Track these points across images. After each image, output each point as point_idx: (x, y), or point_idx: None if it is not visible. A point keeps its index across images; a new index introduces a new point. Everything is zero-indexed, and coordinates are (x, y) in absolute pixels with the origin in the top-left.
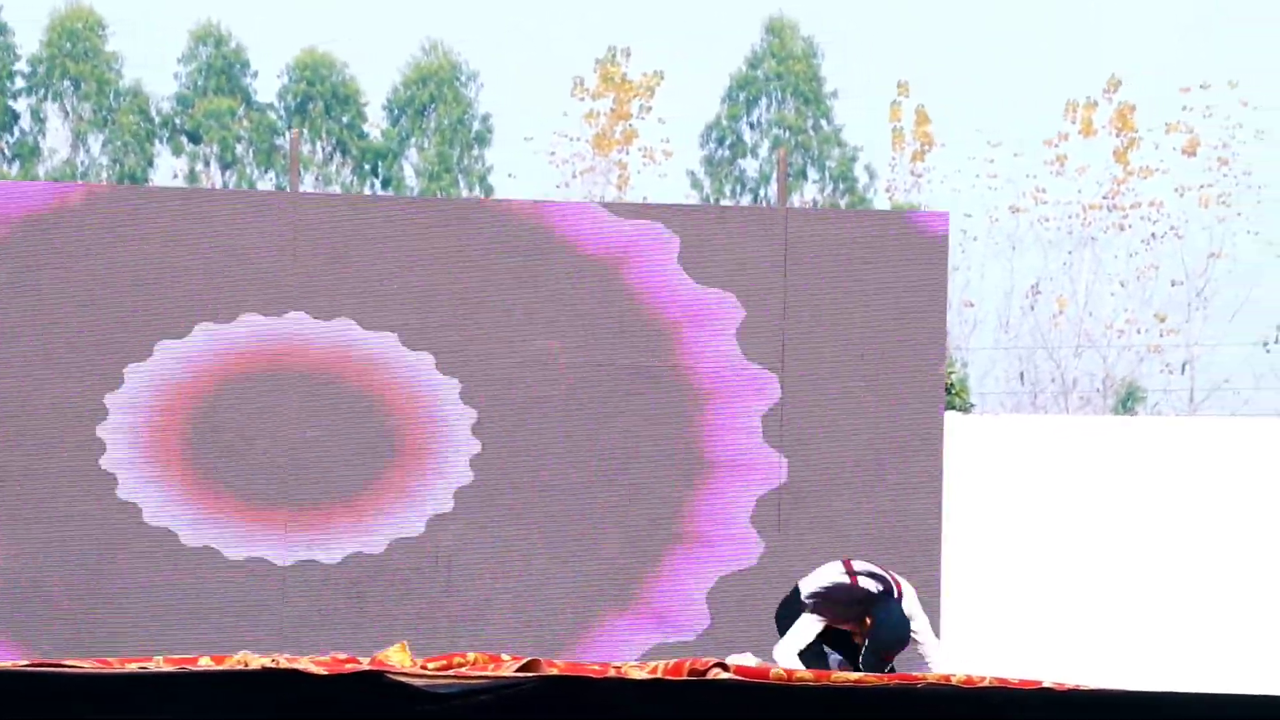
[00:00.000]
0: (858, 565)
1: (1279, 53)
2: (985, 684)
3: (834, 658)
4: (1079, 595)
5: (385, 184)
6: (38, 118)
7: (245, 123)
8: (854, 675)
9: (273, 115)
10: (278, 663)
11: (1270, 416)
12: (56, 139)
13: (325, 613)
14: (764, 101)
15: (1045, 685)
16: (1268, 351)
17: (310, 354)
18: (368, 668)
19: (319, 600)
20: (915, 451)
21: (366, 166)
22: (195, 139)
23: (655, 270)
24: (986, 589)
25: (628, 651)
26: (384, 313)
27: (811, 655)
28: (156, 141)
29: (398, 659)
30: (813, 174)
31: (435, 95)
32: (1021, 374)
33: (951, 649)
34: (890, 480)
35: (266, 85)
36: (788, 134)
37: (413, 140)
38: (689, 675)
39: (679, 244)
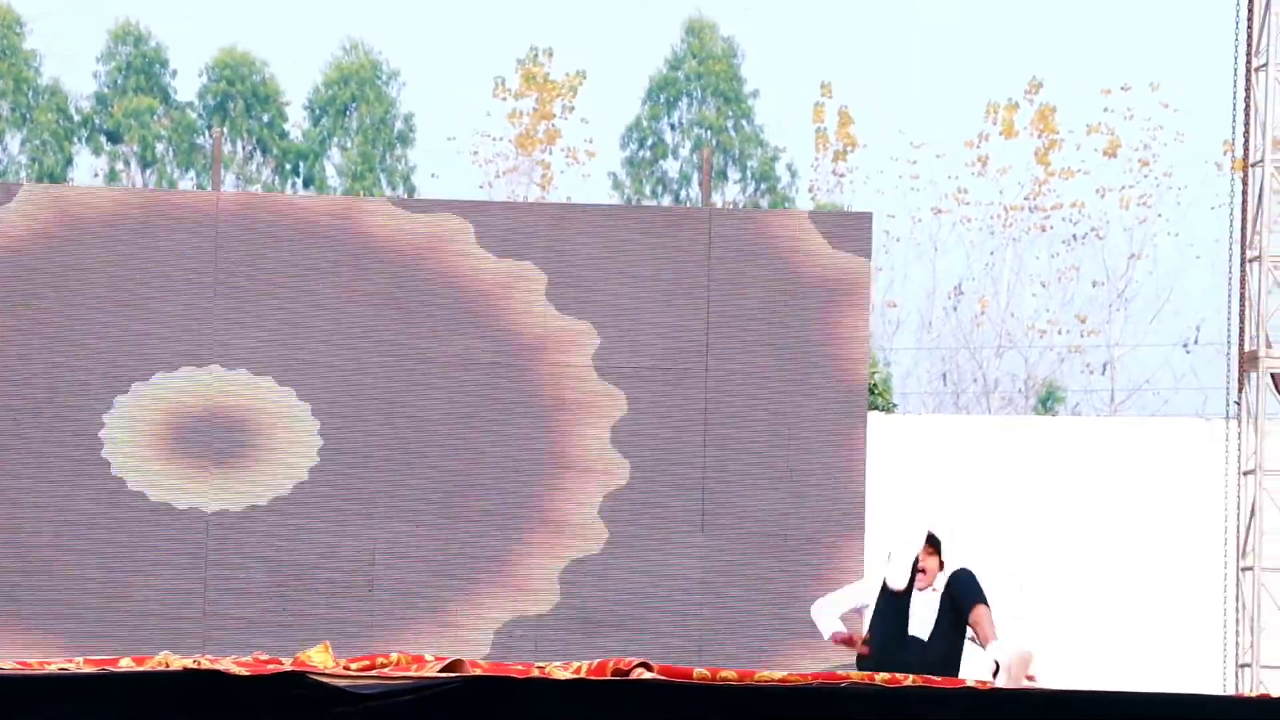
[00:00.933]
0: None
1: (1199, 55)
2: (909, 683)
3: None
4: (1001, 592)
5: (307, 184)
6: None
7: (165, 122)
8: (777, 674)
9: (192, 114)
10: (199, 664)
11: (1189, 417)
12: None
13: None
14: (684, 102)
15: (968, 684)
16: (1188, 352)
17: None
18: (290, 668)
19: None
20: (838, 451)
21: (288, 166)
22: (115, 138)
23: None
24: None
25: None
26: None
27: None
28: (76, 140)
29: (320, 659)
30: (734, 174)
31: (357, 95)
32: (944, 374)
33: None
34: (814, 479)
35: (186, 84)
36: (709, 134)
37: (334, 140)
38: (612, 675)
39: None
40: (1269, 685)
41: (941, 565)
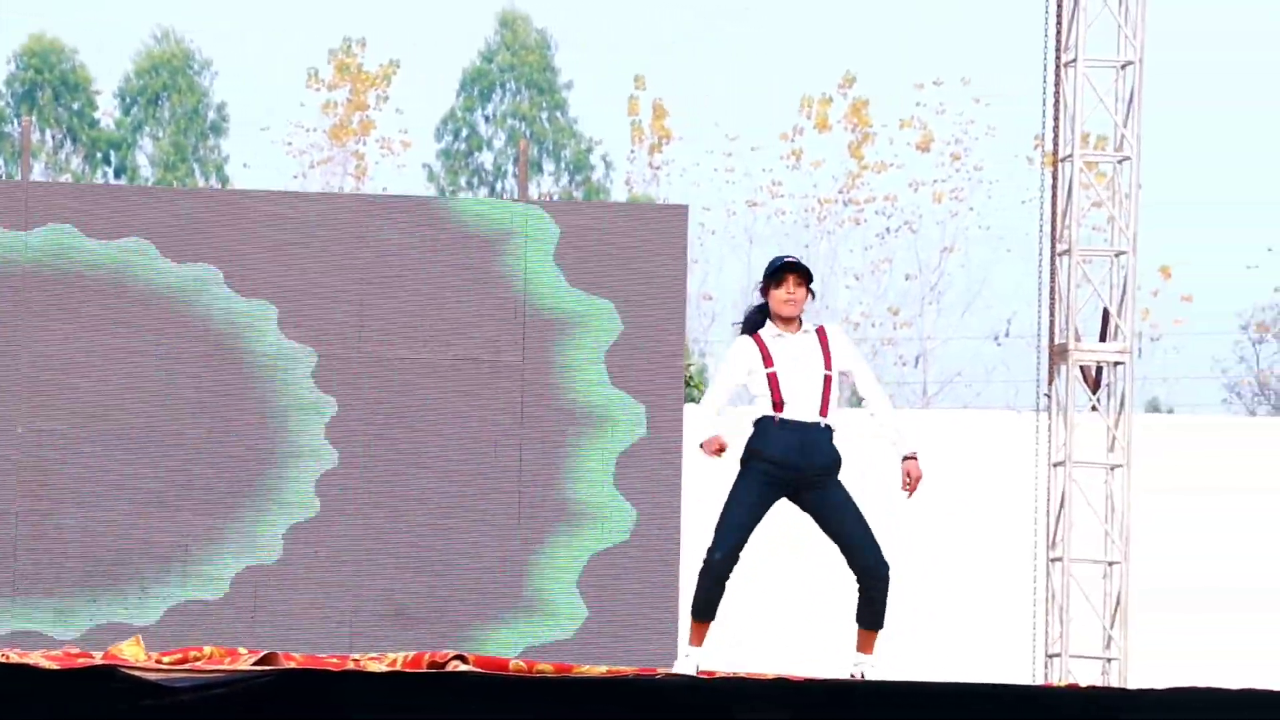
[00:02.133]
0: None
1: (1010, 50)
2: (723, 675)
3: None
4: (816, 585)
5: (119, 173)
6: None
7: None
8: (600, 669)
9: (0, 103)
10: (8, 657)
11: (1000, 409)
12: None
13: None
14: (498, 94)
15: (781, 676)
16: (998, 345)
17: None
18: (101, 662)
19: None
20: (655, 443)
21: (99, 155)
22: None
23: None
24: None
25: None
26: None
27: None
28: None
29: (131, 653)
30: (549, 166)
31: (168, 84)
32: None
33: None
34: (631, 471)
35: None
36: (522, 124)
37: (146, 129)
38: (428, 667)
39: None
40: (1077, 675)
41: (810, 294)
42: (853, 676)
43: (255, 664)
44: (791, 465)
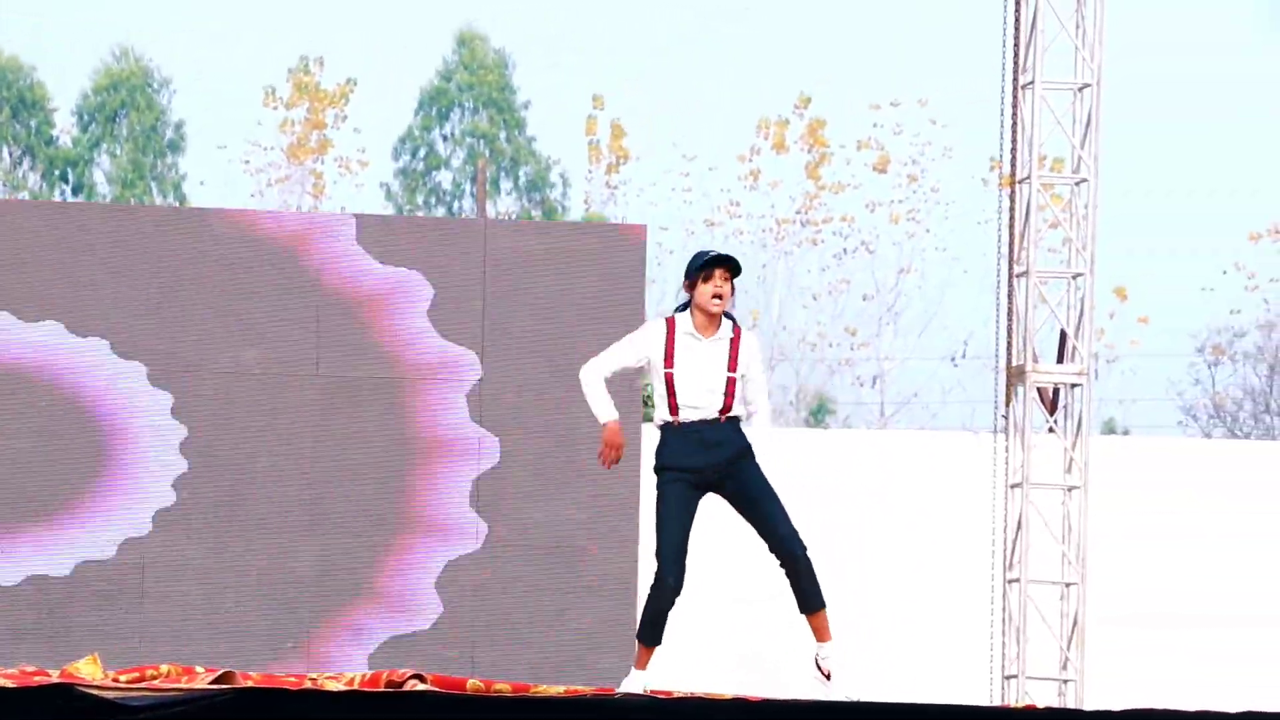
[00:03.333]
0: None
1: (967, 72)
2: (681, 695)
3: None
4: (771, 602)
5: (76, 191)
6: None
7: None
8: (558, 688)
9: None
10: None
11: (957, 430)
12: None
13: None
14: (456, 113)
15: (739, 696)
16: (955, 366)
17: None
18: (57, 680)
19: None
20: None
21: (56, 173)
22: None
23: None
24: (683, 593)
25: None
26: (93, 319)
27: None
28: None
29: (88, 671)
30: (506, 185)
31: (127, 101)
32: None
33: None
34: (588, 490)
35: None
36: (480, 143)
37: (104, 147)
38: (386, 686)
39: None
40: (1034, 696)
41: (733, 290)
42: (818, 666)
43: (212, 683)
44: (697, 467)
